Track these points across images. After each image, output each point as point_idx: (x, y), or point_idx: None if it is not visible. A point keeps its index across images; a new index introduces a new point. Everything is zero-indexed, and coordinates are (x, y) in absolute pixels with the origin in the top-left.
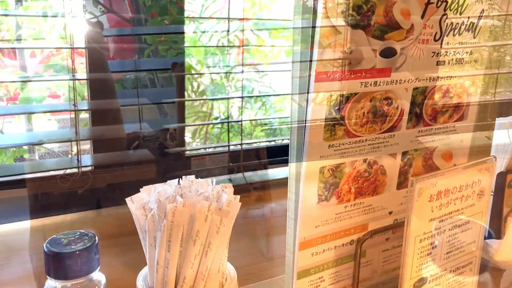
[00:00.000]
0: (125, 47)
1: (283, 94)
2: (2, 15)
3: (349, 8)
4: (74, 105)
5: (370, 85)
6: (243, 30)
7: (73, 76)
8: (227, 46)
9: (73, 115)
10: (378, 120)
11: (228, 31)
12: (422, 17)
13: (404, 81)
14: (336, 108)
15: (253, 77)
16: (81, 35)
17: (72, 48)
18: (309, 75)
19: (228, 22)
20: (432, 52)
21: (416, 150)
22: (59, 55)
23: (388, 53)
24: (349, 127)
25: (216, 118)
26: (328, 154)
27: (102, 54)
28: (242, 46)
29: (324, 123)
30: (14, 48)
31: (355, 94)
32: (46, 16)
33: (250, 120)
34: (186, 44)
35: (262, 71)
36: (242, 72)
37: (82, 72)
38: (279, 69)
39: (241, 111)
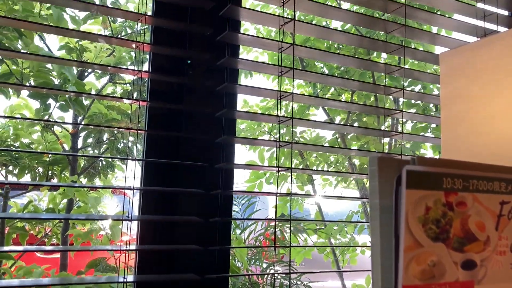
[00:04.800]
0: None
1: None
2: (56, 219)
3: (428, 221)
4: None
5: None
6: (279, 231)
7: (124, 278)
8: (271, 246)
9: None
10: None
11: (274, 227)
12: (497, 229)
13: None
14: None
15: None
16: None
17: (127, 251)
18: None
19: (275, 224)
20: (510, 264)
21: None
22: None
23: (469, 265)
24: None
25: None
26: None
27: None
28: (290, 247)
29: None
30: (61, 250)
31: None
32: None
33: None
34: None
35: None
36: (290, 273)
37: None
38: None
39: None
